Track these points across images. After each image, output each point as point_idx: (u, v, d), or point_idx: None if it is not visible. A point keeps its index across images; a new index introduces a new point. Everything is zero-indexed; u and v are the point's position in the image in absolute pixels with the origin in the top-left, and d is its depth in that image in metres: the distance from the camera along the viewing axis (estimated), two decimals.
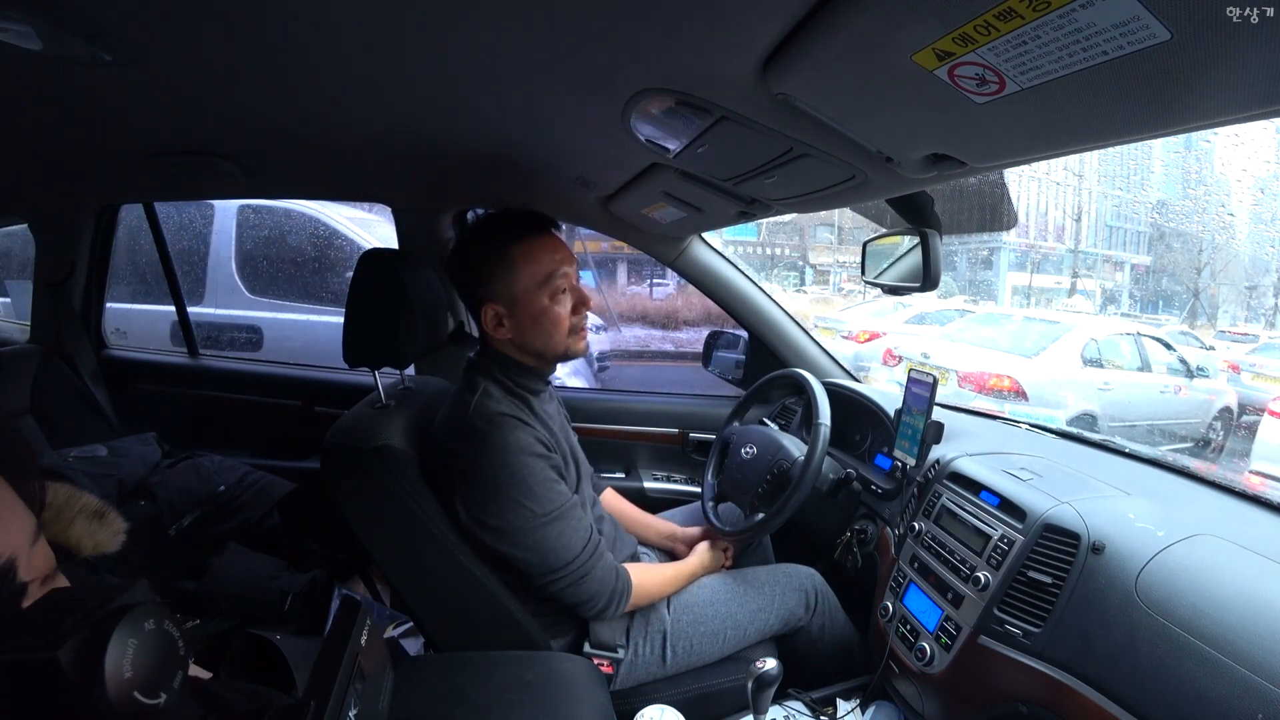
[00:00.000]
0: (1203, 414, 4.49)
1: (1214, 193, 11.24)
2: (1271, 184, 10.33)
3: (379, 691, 0.47)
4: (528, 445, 0.91)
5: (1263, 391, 4.66)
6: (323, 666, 0.42)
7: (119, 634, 0.32)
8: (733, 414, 1.39)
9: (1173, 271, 14.19)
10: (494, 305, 0.97)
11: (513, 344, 1.00)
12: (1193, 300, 11.60)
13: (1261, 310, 9.81)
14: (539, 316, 0.97)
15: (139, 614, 0.33)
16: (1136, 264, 15.83)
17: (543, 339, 0.99)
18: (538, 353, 1.00)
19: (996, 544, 0.86)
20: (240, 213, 3.02)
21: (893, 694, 1.02)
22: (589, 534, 0.96)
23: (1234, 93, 0.41)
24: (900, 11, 0.41)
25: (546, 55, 0.63)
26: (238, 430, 1.93)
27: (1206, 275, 11.78)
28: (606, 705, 0.94)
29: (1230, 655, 0.59)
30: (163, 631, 0.34)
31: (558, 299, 0.98)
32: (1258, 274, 10.61)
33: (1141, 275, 15.71)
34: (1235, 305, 10.94)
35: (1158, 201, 14.98)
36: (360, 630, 0.46)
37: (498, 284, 0.97)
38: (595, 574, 0.95)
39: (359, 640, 0.45)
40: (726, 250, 1.57)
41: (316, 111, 0.89)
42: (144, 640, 0.33)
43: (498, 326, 0.98)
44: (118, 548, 0.56)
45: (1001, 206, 1.04)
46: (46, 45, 0.64)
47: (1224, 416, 4.64)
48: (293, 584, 1.41)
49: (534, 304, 0.97)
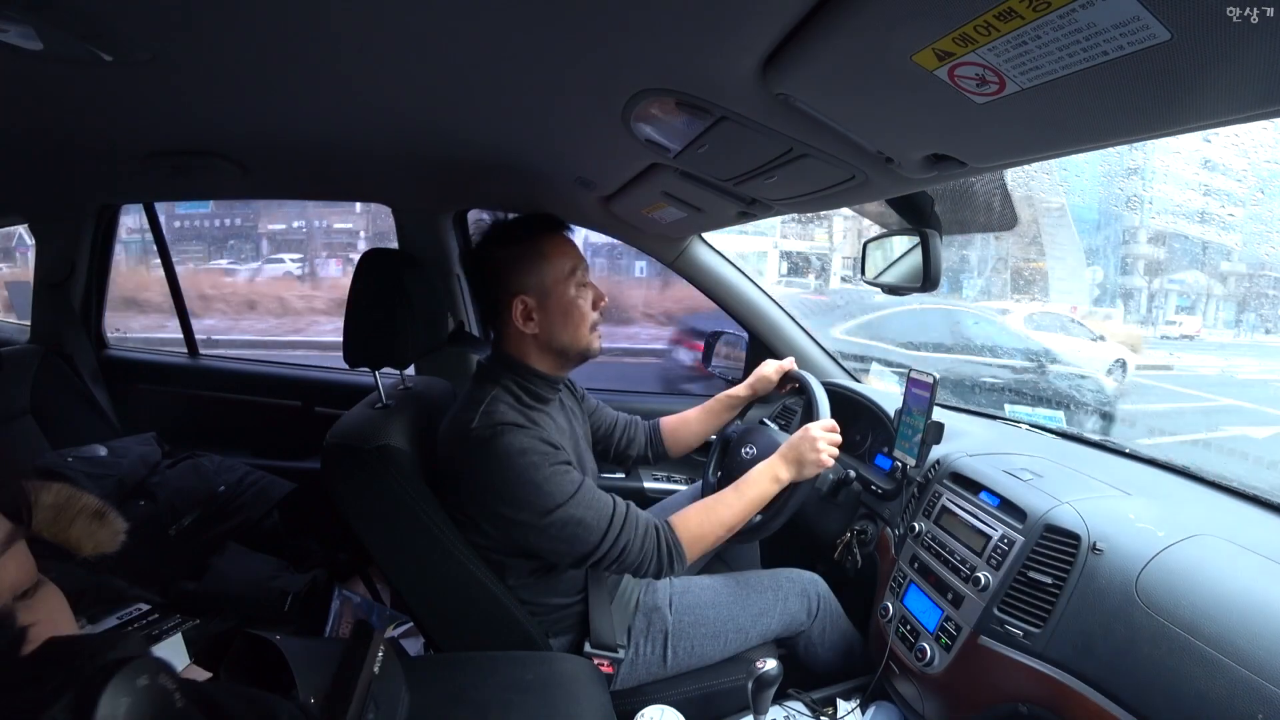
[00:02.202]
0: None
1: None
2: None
3: (394, 715, 0.46)
4: (531, 446, 0.91)
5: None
6: (336, 695, 0.41)
7: (110, 693, 0.30)
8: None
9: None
10: (525, 297, 0.97)
11: (535, 342, 0.99)
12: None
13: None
14: (569, 309, 0.99)
15: (132, 670, 0.31)
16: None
17: (570, 332, 1.00)
18: (562, 348, 1.00)
19: (997, 544, 0.86)
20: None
21: (893, 694, 1.02)
22: (610, 505, 0.94)
23: (1234, 93, 0.41)
24: (900, 11, 0.41)
25: (546, 56, 0.63)
26: (238, 430, 1.93)
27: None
28: (606, 705, 0.94)
29: (1230, 655, 0.59)
30: (156, 687, 0.33)
31: (581, 292, 1.00)
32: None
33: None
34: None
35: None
36: (374, 657, 0.45)
37: (530, 276, 0.97)
38: (633, 543, 0.93)
39: (372, 668, 0.44)
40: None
41: (316, 112, 0.89)
42: (137, 698, 0.31)
43: (526, 320, 0.98)
44: (118, 548, 0.56)
45: (1003, 206, 1.04)
46: (46, 45, 0.64)
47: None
48: (293, 584, 1.41)
49: (563, 296, 0.98)
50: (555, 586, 1.03)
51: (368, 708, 0.42)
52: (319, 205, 7.50)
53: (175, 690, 0.34)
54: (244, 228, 7.77)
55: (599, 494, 0.94)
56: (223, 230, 7.04)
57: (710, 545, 1.00)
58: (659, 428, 1.33)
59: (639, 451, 1.31)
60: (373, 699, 0.43)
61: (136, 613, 1.20)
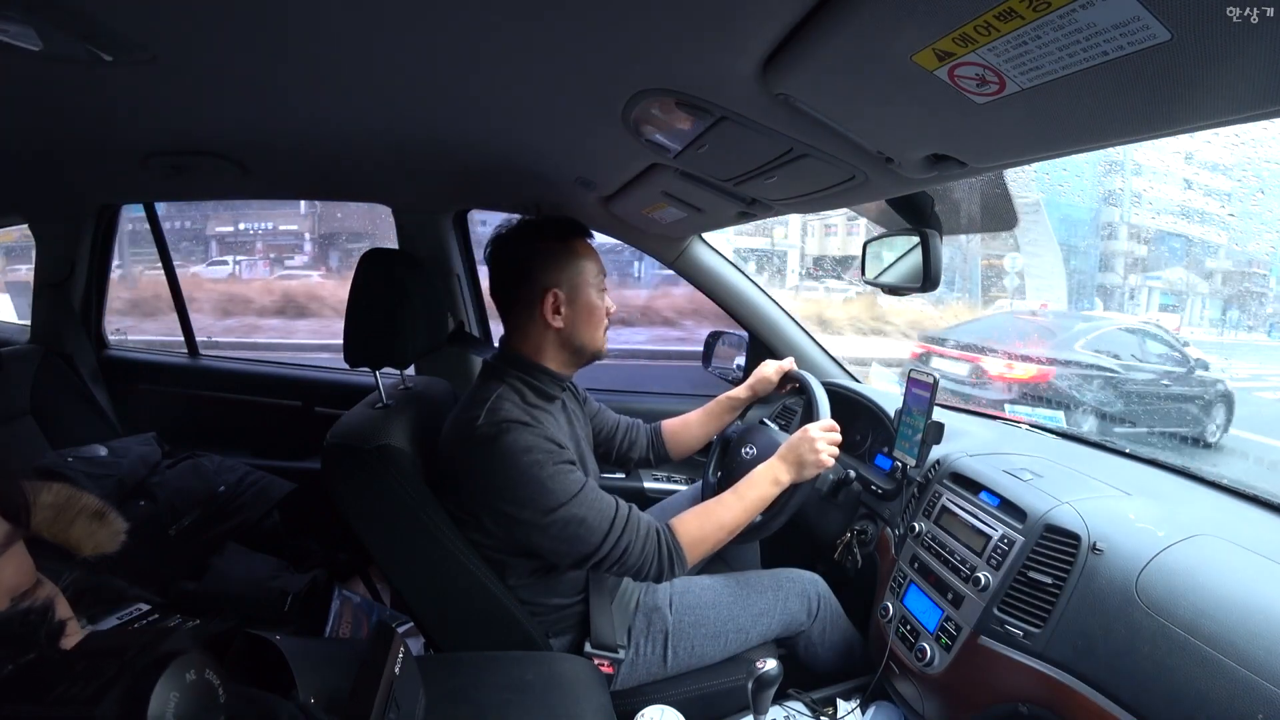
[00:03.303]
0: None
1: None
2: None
3: (413, 715, 0.46)
4: (536, 444, 0.91)
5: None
6: (358, 697, 0.41)
7: (161, 687, 0.31)
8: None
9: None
10: (557, 290, 0.99)
11: (557, 337, 1.02)
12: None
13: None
14: (593, 309, 1.03)
15: (181, 664, 0.32)
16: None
17: (590, 331, 1.03)
18: (579, 345, 1.03)
19: (997, 544, 0.86)
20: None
21: (893, 694, 1.02)
22: (613, 507, 0.94)
23: (1234, 93, 0.41)
24: (900, 12, 0.41)
25: (547, 56, 0.63)
26: (238, 430, 1.93)
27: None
28: (606, 705, 0.94)
29: (1231, 655, 0.59)
30: (203, 681, 0.33)
31: (603, 297, 1.05)
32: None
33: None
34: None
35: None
36: (395, 657, 0.45)
37: (565, 272, 1.00)
38: (634, 545, 0.93)
39: (393, 668, 0.45)
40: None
41: (316, 112, 0.89)
42: (185, 692, 0.32)
43: (554, 314, 1.00)
44: (118, 548, 0.56)
45: (1003, 206, 1.04)
46: (46, 45, 0.64)
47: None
48: (293, 584, 1.41)
49: (589, 296, 1.02)
50: (555, 587, 1.03)
51: (389, 708, 0.42)
52: (263, 207, 7.63)
53: (219, 685, 0.35)
54: (193, 230, 7.91)
55: (602, 495, 0.94)
56: (173, 233, 7.21)
57: (710, 549, 1.00)
58: (660, 431, 1.34)
59: (640, 454, 1.32)
60: (394, 700, 0.43)
61: (136, 613, 1.19)
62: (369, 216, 6.73)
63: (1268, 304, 3.89)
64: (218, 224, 8.04)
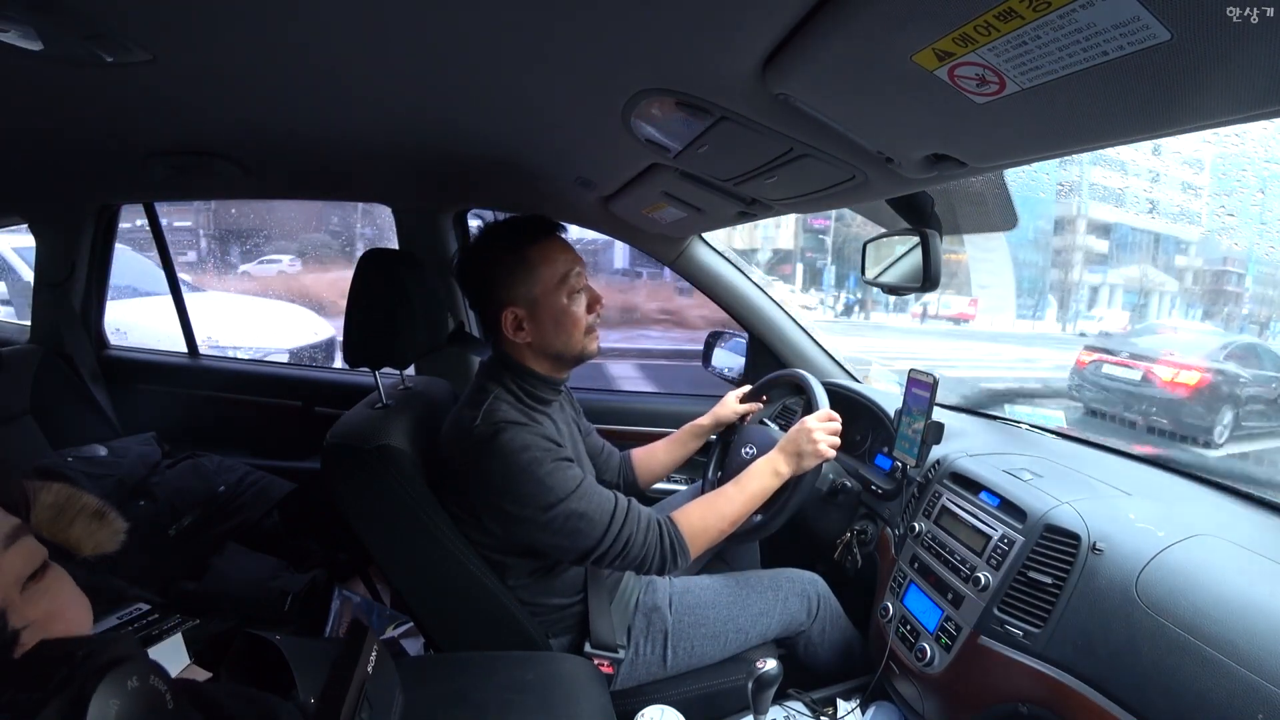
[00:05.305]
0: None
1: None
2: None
3: (388, 716, 0.46)
4: (533, 442, 0.91)
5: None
6: (328, 698, 0.41)
7: (101, 694, 0.30)
8: None
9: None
10: (514, 309, 0.97)
11: (530, 349, 1.00)
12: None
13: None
14: (560, 317, 0.98)
15: (123, 671, 0.32)
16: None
17: (563, 339, 0.99)
18: (556, 354, 1.00)
19: (997, 544, 0.86)
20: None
21: (893, 694, 1.01)
22: (612, 500, 0.94)
23: (1234, 93, 0.41)
24: (900, 12, 0.41)
25: (546, 56, 0.63)
26: (238, 430, 1.93)
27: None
28: (606, 705, 0.94)
29: (1231, 656, 0.59)
30: (147, 688, 0.33)
31: (574, 298, 0.99)
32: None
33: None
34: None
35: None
36: (367, 656, 0.45)
37: (518, 287, 0.97)
38: (635, 537, 0.93)
39: (365, 667, 0.44)
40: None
41: (316, 112, 0.89)
42: (127, 699, 0.32)
43: (518, 330, 0.98)
44: (118, 548, 0.56)
45: (1003, 206, 1.04)
46: (46, 45, 0.64)
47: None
48: (292, 584, 1.41)
49: (554, 304, 0.98)
50: (555, 587, 1.03)
51: (361, 708, 0.42)
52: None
53: (166, 691, 0.34)
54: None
55: (601, 490, 0.94)
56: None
57: (712, 540, 1.00)
58: (629, 459, 1.34)
59: (611, 479, 1.32)
60: (367, 699, 0.43)
61: (136, 613, 1.20)
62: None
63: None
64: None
